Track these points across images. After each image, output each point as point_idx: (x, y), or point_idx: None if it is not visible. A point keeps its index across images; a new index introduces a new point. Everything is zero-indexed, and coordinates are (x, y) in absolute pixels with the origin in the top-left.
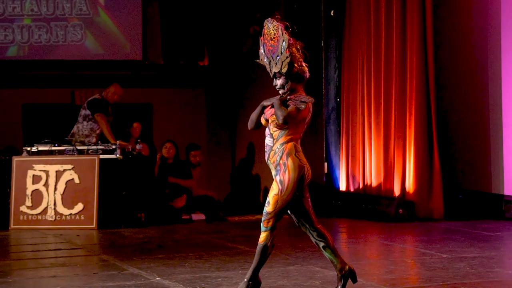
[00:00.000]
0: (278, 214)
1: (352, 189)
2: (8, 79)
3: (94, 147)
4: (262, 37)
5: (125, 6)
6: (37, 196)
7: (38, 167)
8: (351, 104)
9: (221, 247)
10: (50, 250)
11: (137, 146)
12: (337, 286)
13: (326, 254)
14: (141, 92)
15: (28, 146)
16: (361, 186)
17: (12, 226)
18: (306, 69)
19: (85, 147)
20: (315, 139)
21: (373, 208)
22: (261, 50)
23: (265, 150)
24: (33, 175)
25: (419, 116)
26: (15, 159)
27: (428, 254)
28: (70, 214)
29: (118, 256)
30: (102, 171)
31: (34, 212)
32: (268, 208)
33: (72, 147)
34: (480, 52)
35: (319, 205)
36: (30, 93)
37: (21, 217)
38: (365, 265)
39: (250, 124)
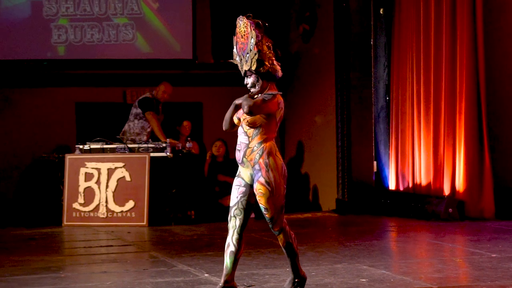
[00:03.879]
0: (279, 214)
1: (401, 188)
2: (62, 78)
3: (145, 145)
4: (235, 36)
5: (176, 6)
6: (89, 194)
7: (90, 164)
8: (400, 103)
9: (269, 244)
10: (101, 246)
11: (187, 145)
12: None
13: (228, 259)
14: (191, 91)
15: (80, 144)
16: (410, 185)
17: (65, 223)
18: (278, 67)
19: (136, 145)
20: (364, 138)
21: (423, 207)
22: (234, 49)
23: (238, 148)
24: (86, 173)
25: (469, 114)
26: (68, 157)
27: (478, 253)
28: (121, 211)
29: (167, 253)
30: (152, 169)
31: (86, 209)
32: (268, 214)
33: (123, 145)
34: None
35: (369, 204)
36: (83, 92)
37: (74, 214)
38: (414, 264)
39: (225, 125)
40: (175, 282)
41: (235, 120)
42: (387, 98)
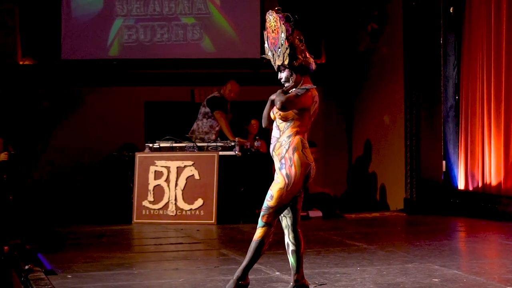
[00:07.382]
0: (279, 209)
1: (471, 188)
2: (131, 77)
3: (214, 144)
4: (265, 31)
5: (243, 4)
6: (158, 192)
7: (160, 163)
8: (470, 102)
9: (339, 243)
10: (171, 244)
11: (256, 143)
12: None
13: (291, 259)
14: (259, 90)
15: (150, 143)
16: (480, 184)
17: (135, 220)
18: (312, 60)
19: (205, 144)
20: (433, 137)
21: (493, 207)
22: (266, 44)
23: (271, 142)
24: (155, 171)
25: None
26: (138, 155)
27: None
28: (190, 209)
29: (237, 251)
30: (221, 167)
31: (156, 207)
32: (270, 202)
33: (192, 143)
34: None
35: (437, 204)
36: (152, 91)
37: (144, 212)
38: (485, 264)
39: (264, 122)
40: None
41: (272, 116)
42: (457, 97)
